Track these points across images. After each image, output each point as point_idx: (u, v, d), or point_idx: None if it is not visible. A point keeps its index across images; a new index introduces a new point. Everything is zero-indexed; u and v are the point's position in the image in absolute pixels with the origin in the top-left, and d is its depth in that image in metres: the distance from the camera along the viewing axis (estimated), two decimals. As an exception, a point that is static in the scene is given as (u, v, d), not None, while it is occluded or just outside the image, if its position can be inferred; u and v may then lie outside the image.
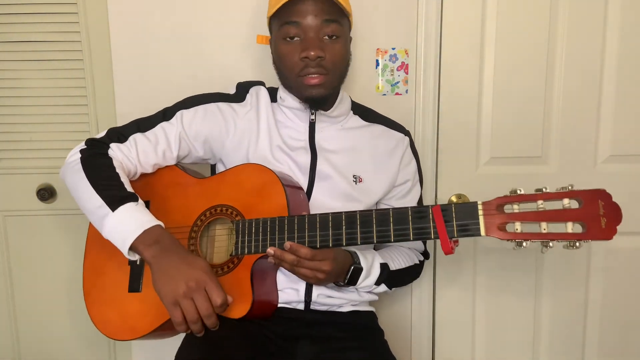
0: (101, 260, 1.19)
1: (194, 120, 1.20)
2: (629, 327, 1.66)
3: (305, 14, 1.11)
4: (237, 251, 1.10)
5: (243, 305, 1.07)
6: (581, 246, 0.90)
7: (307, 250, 1.03)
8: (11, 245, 1.62)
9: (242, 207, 1.12)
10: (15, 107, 1.54)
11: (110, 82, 1.52)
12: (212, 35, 1.50)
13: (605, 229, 0.90)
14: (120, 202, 1.04)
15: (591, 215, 0.90)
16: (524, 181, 1.57)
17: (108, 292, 1.17)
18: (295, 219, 1.06)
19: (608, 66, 1.52)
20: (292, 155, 1.20)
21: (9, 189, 1.58)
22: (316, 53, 1.10)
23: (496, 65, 1.53)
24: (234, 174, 1.16)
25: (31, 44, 1.50)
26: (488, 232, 0.94)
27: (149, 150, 1.17)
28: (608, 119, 1.55)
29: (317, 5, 1.11)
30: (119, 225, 1.03)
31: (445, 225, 0.96)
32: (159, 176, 1.22)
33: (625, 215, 0.91)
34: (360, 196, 1.22)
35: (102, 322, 1.16)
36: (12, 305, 1.65)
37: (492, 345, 1.68)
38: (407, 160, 1.29)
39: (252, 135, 1.21)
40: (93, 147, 1.15)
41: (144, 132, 1.18)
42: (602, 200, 0.90)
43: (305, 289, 1.17)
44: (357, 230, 1.02)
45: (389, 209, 1.01)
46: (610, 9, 1.50)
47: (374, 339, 1.25)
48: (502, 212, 0.95)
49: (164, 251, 1.01)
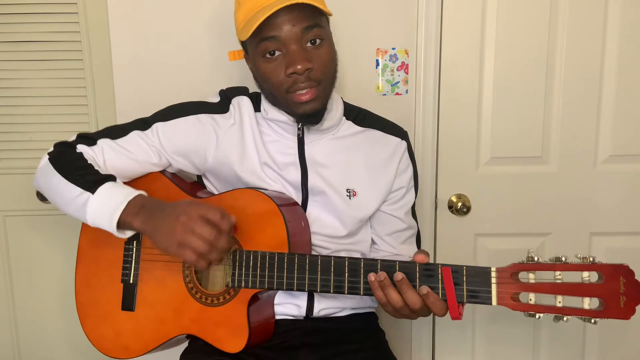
0: (93, 274, 1.16)
1: (173, 134, 1.13)
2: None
3: (282, 25, 1.01)
4: (233, 283, 1.05)
5: (239, 339, 1.04)
6: (597, 323, 0.85)
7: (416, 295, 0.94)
8: (11, 245, 1.62)
9: (239, 235, 1.07)
10: (15, 107, 1.54)
11: (110, 82, 1.51)
12: (212, 34, 1.50)
13: (624, 308, 0.84)
14: (99, 183, 1.02)
15: (611, 292, 0.84)
16: (524, 181, 1.57)
17: (101, 307, 1.14)
18: (295, 258, 1.01)
19: (608, 66, 1.52)
20: (282, 174, 1.14)
21: (9, 189, 1.58)
22: (304, 66, 1.01)
23: (496, 65, 1.53)
24: (232, 198, 1.09)
25: (31, 44, 1.50)
26: (500, 301, 0.89)
27: (117, 158, 1.11)
28: (608, 119, 1.54)
29: (292, 14, 1.01)
30: (102, 206, 1.00)
31: (454, 289, 0.91)
32: (154, 192, 1.14)
33: (625, 215, 0.89)
34: (355, 211, 1.16)
35: (96, 337, 1.14)
36: (12, 306, 1.65)
37: (492, 343, 1.68)
38: (404, 167, 1.21)
39: (238, 151, 1.14)
40: (60, 147, 1.12)
41: (114, 139, 1.12)
42: (624, 278, 0.85)
43: (306, 306, 1.15)
44: (360, 280, 0.97)
45: (396, 262, 0.96)
46: (610, 9, 1.50)
47: (375, 340, 1.24)
48: (517, 281, 0.89)
49: (151, 213, 0.98)
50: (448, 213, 1.60)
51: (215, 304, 1.07)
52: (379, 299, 0.95)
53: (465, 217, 1.59)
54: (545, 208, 1.58)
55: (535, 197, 1.58)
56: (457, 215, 1.59)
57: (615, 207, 1.57)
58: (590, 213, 1.58)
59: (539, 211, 1.59)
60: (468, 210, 1.58)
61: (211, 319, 1.07)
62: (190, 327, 1.08)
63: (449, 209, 1.59)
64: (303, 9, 1.01)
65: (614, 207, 1.58)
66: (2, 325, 1.66)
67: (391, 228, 1.22)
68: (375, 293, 0.94)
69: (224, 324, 1.05)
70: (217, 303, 1.07)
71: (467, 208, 1.57)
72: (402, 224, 1.22)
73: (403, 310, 0.95)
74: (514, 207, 1.58)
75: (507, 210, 1.59)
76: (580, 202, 1.58)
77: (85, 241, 1.19)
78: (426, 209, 1.59)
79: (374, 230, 1.24)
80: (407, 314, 0.96)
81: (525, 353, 1.67)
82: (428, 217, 1.59)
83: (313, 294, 1.15)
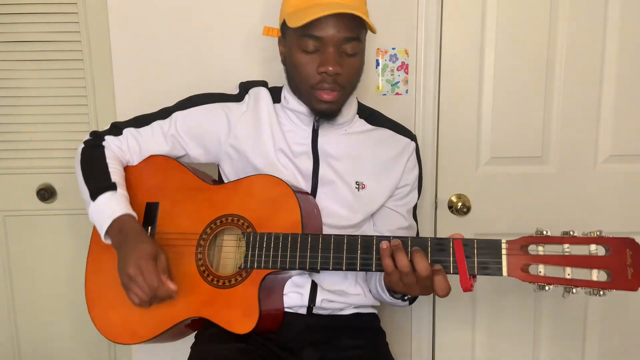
0: (103, 261, 1.18)
1: (188, 121, 1.22)
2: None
3: (328, 28, 1.07)
4: (245, 264, 1.07)
5: (249, 320, 1.05)
6: (605, 295, 0.87)
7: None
8: (11, 245, 1.62)
9: (254, 218, 1.10)
10: (15, 107, 1.54)
11: (110, 82, 1.52)
12: (212, 34, 1.50)
13: (631, 279, 0.86)
14: (100, 192, 1.12)
15: (618, 264, 0.87)
16: (524, 181, 1.57)
17: (111, 294, 1.16)
18: (309, 238, 1.03)
19: (608, 66, 1.52)
20: (295, 161, 1.19)
21: (9, 189, 1.58)
22: (335, 69, 1.08)
23: (496, 65, 1.53)
24: (247, 183, 1.14)
25: (31, 44, 1.50)
26: (510, 272, 0.91)
27: (138, 145, 1.23)
28: (608, 119, 1.55)
29: (340, 21, 1.07)
30: (97, 216, 1.12)
31: (465, 261, 0.93)
32: (171, 178, 1.21)
33: (625, 215, 0.90)
34: (363, 204, 1.20)
35: (104, 323, 1.16)
36: (12, 305, 1.65)
37: (492, 343, 1.68)
38: (411, 166, 1.26)
39: (253, 136, 1.20)
40: (91, 140, 1.23)
41: (138, 127, 1.23)
42: (631, 250, 0.87)
43: (309, 294, 1.17)
44: (372, 256, 0.99)
45: (408, 237, 0.98)
46: (610, 9, 1.50)
47: (376, 341, 1.25)
48: (527, 252, 0.91)
49: (123, 240, 1.08)
50: (448, 213, 1.60)
51: (227, 286, 1.09)
52: (387, 267, 0.97)
53: (465, 217, 1.59)
54: (545, 208, 1.58)
55: (535, 197, 1.58)
56: (457, 215, 1.59)
57: (615, 207, 1.57)
58: (590, 213, 1.58)
59: (539, 211, 1.58)
60: (468, 210, 1.58)
61: (222, 301, 1.08)
62: (200, 310, 1.10)
63: (449, 209, 1.59)
64: (351, 19, 1.08)
65: (614, 207, 1.57)
66: (2, 325, 1.65)
67: (393, 224, 1.24)
68: (384, 260, 0.97)
69: (235, 306, 1.06)
70: (229, 285, 1.09)
71: (467, 208, 1.57)
72: (404, 222, 1.25)
73: (408, 277, 0.96)
74: (514, 207, 1.58)
75: (507, 210, 1.59)
76: (580, 202, 1.58)
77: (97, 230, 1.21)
78: (426, 209, 1.59)
79: (376, 227, 1.26)
80: (410, 282, 0.97)
81: (526, 353, 1.67)
82: (428, 217, 1.59)
83: (316, 285, 1.17)
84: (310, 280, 1.17)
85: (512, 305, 1.65)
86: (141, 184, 1.22)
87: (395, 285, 1.00)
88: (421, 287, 0.98)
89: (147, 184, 1.21)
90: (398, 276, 0.97)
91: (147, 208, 1.20)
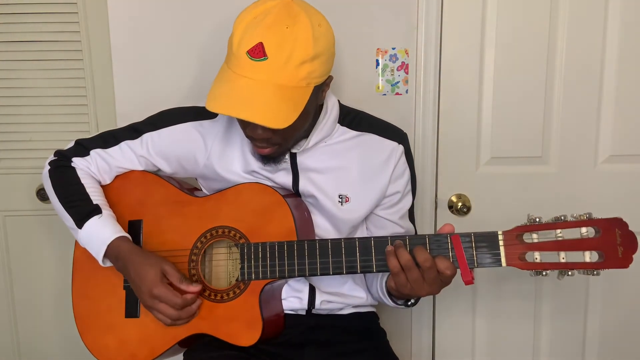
0: (91, 284, 1.15)
1: (160, 143, 1.16)
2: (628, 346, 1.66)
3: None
4: (243, 276, 1.05)
5: (253, 331, 1.04)
6: (599, 274, 0.91)
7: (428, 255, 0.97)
8: (11, 245, 1.62)
9: (246, 229, 1.06)
10: (15, 106, 1.53)
11: (110, 82, 1.51)
12: (212, 34, 1.50)
13: (622, 257, 0.91)
14: (85, 219, 1.10)
15: (608, 244, 0.91)
16: (524, 181, 1.57)
17: (103, 318, 1.13)
18: (305, 244, 1.02)
19: (608, 66, 1.52)
20: (272, 177, 1.14)
21: (9, 189, 1.58)
22: (261, 136, 1.01)
23: (496, 65, 1.53)
24: (235, 193, 1.10)
25: (31, 44, 1.50)
26: (509, 262, 0.94)
27: (107, 165, 1.18)
28: (608, 119, 1.54)
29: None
30: (88, 243, 1.11)
31: (465, 255, 0.96)
32: (152, 193, 1.16)
33: (625, 215, 0.92)
34: (346, 216, 1.15)
35: (99, 348, 1.14)
36: (12, 305, 1.64)
37: (493, 343, 1.68)
38: (400, 172, 1.18)
39: (227, 159, 1.15)
40: (57, 160, 1.19)
41: (106, 148, 1.18)
42: (619, 229, 0.91)
43: (308, 297, 1.16)
44: (372, 257, 0.99)
45: (406, 235, 0.99)
46: (610, 9, 1.50)
47: (376, 340, 1.25)
48: (522, 241, 0.95)
49: (123, 268, 1.08)
50: (448, 213, 1.60)
51: (225, 300, 1.07)
52: (393, 268, 0.97)
53: (465, 217, 1.59)
54: (545, 208, 1.58)
55: (535, 197, 1.58)
56: (457, 215, 1.59)
57: (615, 207, 1.56)
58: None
59: (539, 211, 1.57)
60: (468, 210, 1.58)
61: (222, 315, 1.07)
62: (200, 326, 1.08)
63: (449, 209, 1.59)
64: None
65: (614, 207, 1.56)
66: (2, 325, 1.65)
67: (388, 231, 1.22)
68: (390, 262, 0.97)
69: (237, 318, 1.05)
70: (227, 298, 1.07)
71: (467, 208, 1.57)
72: (399, 228, 1.22)
73: (412, 273, 0.96)
74: (514, 207, 1.58)
75: (507, 210, 1.59)
76: (580, 202, 1.57)
77: (80, 251, 1.17)
78: (426, 209, 1.59)
79: (370, 233, 1.24)
80: (416, 277, 0.96)
81: (527, 353, 1.67)
82: (428, 217, 1.59)
83: (315, 288, 1.16)
84: (307, 284, 1.16)
85: (513, 304, 1.64)
86: (120, 202, 1.17)
87: (402, 288, 0.99)
88: (428, 282, 0.97)
89: (126, 201, 1.17)
90: (404, 276, 0.97)
91: (129, 227, 1.16)
